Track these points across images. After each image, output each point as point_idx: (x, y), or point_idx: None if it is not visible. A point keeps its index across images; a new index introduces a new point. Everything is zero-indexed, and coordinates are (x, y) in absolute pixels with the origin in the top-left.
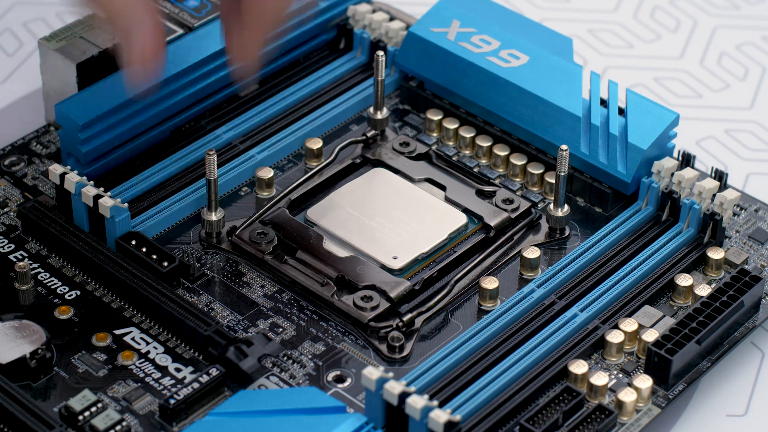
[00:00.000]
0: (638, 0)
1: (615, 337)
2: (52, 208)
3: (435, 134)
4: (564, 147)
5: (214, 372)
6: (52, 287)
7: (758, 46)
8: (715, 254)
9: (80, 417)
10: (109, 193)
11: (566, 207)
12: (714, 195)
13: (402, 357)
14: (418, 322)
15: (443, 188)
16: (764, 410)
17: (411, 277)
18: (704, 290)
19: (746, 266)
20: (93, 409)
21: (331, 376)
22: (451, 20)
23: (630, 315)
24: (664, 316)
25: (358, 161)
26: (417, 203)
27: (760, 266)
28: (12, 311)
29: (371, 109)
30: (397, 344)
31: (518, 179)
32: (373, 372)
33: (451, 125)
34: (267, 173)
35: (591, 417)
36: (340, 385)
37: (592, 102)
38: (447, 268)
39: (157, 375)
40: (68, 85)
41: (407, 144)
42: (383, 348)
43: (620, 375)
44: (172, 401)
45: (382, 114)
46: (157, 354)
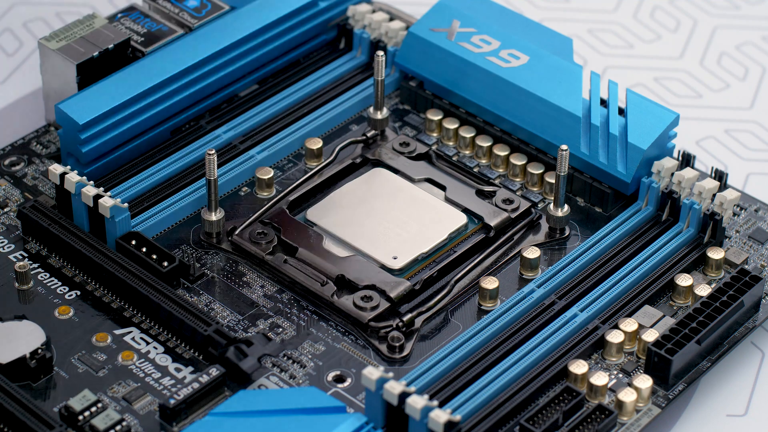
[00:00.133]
0: (638, 0)
1: (615, 337)
2: (52, 208)
3: (435, 134)
4: (564, 147)
5: (214, 372)
6: (52, 287)
7: (758, 46)
8: (715, 254)
9: (80, 417)
10: (109, 193)
11: (566, 207)
12: (714, 195)
13: (402, 357)
14: (418, 322)
15: (443, 188)
16: (764, 410)
17: (411, 277)
18: (704, 290)
19: (746, 266)
20: (93, 409)
21: (331, 376)
22: (451, 20)
23: (630, 315)
24: (664, 316)
25: (358, 161)
26: (417, 203)
27: (760, 266)
28: (12, 311)
29: (371, 109)
30: (397, 344)
31: (518, 179)
32: (373, 372)
33: (451, 125)
34: (267, 173)
35: (591, 417)
36: (340, 385)
37: (592, 102)
38: (447, 268)
39: (157, 375)
40: (68, 85)
41: (407, 144)
42: (383, 348)
43: (620, 375)
44: (172, 401)
45: (382, 114)
46: (157, 354)
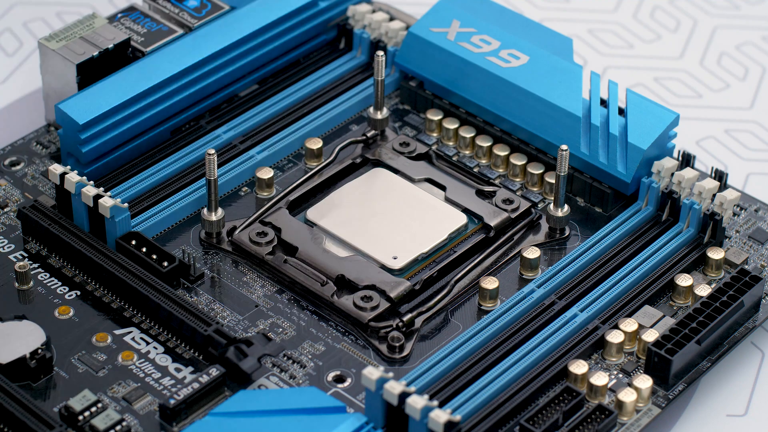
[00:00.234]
0: (638, 0)
1: (615, 337)
2: (52, 208)
3: (435, 134)
4: (564, 147)
5: (214, 372)
6: (52, 287)
7: (758, 46)
8: (715, 254)
9: (80, 417)
10: (109, 193)
11: (566, 207)
12: (714, 195)
13: (402, 357)
14: (418, 322)
15: (443, 188)
16: (764, 410)
17: (411, 277)
18: (704, 290)
19: (746, 266)
20: (93, 409)
21: (331, 376)
22: (451, 20)
23: (630, 315)
24: (664, 316)
25: (358, 161)
26: (417, 203)
27: (760, 266)
28: (12, 311)
29: (371, 109)
30: (397, 344)
31: (518, 179)
32: (373, 372)
33: (451, 125)
34: (267, 173)
35: (591, 417)
36: (340, 385)
37: (592, 102)
38: (447, 268)
39: (157, 375)
40: (68, 85)
41: (407, 144)
42: (383, 348)
43: (620, 375)
44: (172, 401)
45: (382, 114)
46: (157, 354)
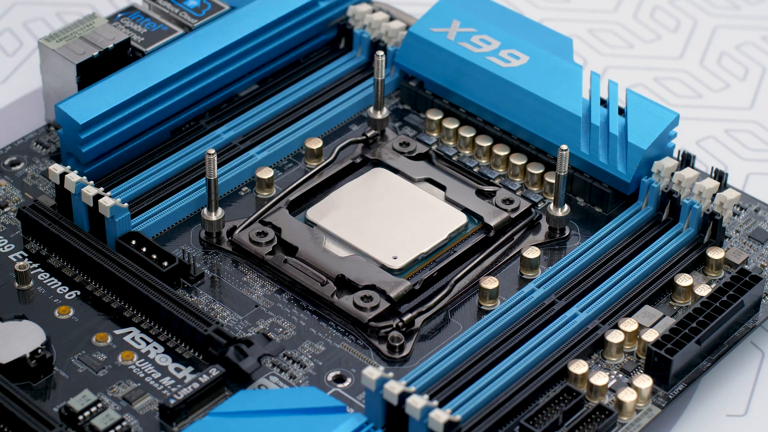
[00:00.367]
0: (638, 0)
1: (615, 337)
2: (52, 208)
3: (435, 134)
4: (564, 147)
5: (214, 372)
6: (52, 287)
7: (758, 46)
8: (715, 254)
9: (80, 417)
10: (109, 193)
11: (566, 207)
12: (714, 195)
13: (402, 357)
14: (418, 322)
15: (443, 188)
16: (764, 410)
17: (411, 277)
18: (704, 290)
19: (746, 266)
20: (93, 409)
21: (331, 376)
22: (451, 20)
23: (630, 315)
24: (664, 316)
25: (358, 161)
26: (417, 203)
27: (760, 266)
28: (12, 311)
29: (371, 109)
30: (397, 344)
31: (518, 179)
32: (373, 372)
33: (451, 125)
34: (267, 173)
35: (591, 417)
36: (340, 385)
37: (592, 102)
38: (447, 268)
39: (157, 375)
40: (68, 85)
41: (407, 144)
42: (383, 348)
43: (620, 375)
44: (172, 401)
45: (382, 114)
46: (157, 354)
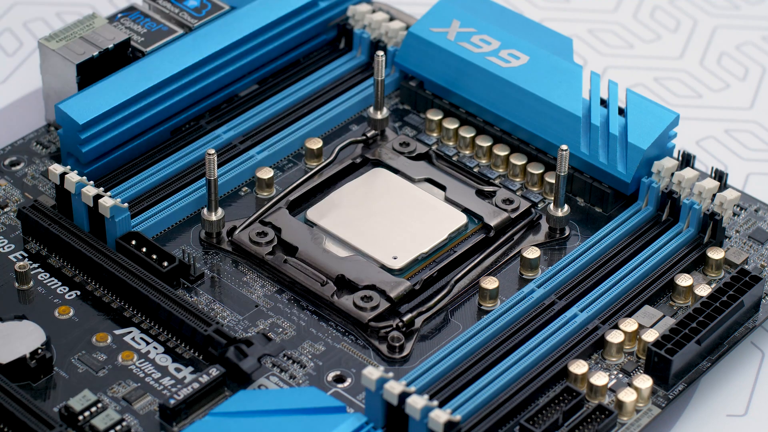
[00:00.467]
0: (638, 0)
1: (615, 337)
2: (52, 208)
3: (435, 134)
4: (564, 147)
5: (214, 372)
6: (52, 287)
7: (758, 46)
8: (715, 254)
9: (80, 417)
10: (109, 193)
11: (566, 207)
12: (714, 195)
13: (402, 357)
14: (418, 322)
15: (443, 188)
16: (764, 410)
17: (411, 277)
18: (704, 290)
19: (746, 266)
20: (93, 409)
21: (331, 376)
22: (451, 20)
23: (630, 315)
24: (664, 316)
25: (358, 161)
26: (417, 203)
27: (760, 266)
28: (12, 311)
29: (371, 109)
30: (397, 344)
31: (518, 179)
32: (373, 372)
33: (451, 125)
34: (267, 173)
35: (591, 417)
36: (340, 385)
37: (592, 102)
38: (447, 268)
39: (157, 375)
40: (68, 85)
41: (407, 144)
42: (383, 348)
43: (620, 375)
44: (172, 401)
45: (382, 114)
46: (157, 354)
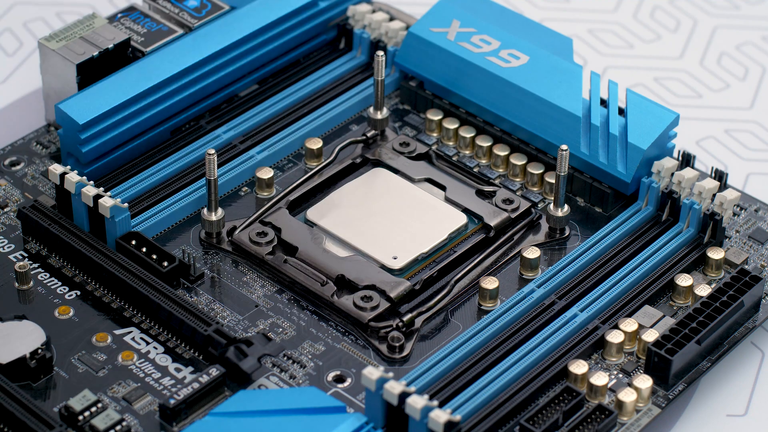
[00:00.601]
0: (638, 0)
1: (615, 337)
2: (52, 208)
3: (435, 134)
4: (564, 147)
5: (214, 372)
6: (52, 287)
7: (758, 46)
8: (715, 254)
9: (80, 417)
10: (109, 193)
11: (566, 207)
12: (714, 195)
13: (402, 357)
14: (418, 322)
15: (443, 188)
16: (764, 410)
17: (411, 277)
18: (704, 290)
19: (746, 266)
20: (93, 409)
21: (331, 376)
22: (451, 20)
23: (630, 315)
24: (664, 316)
25: (358, 161)
26: (417, 203)
27: (760, 266)
28: (12, 311)
29: (371, 109)
30: (397, 344)
31: (518, 179)
32: (373, 372)
33: (451, 125)
34: (267, 173)
35: (591, 417)
36: (340, 385)
37: (592, 102)
38: (447, 268)
39: (157, 375)
40: (68, 85)
41: (407, 144)
42: (383, 348)
43: (620, 375)
44: (172, 401)
45: (382, 114)
46: (157, 354)
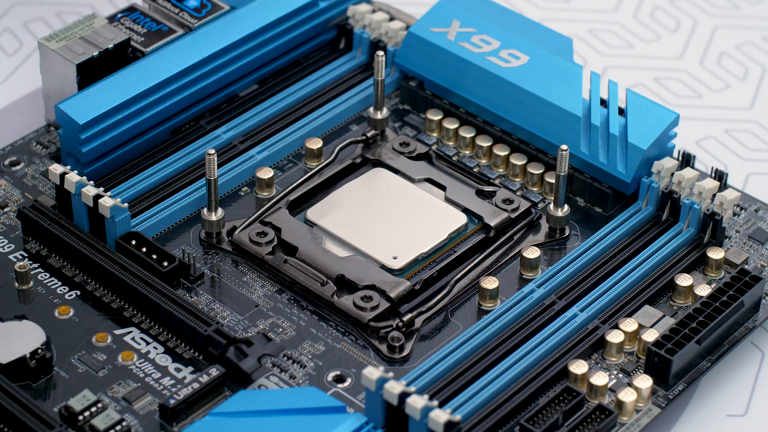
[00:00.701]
0: (638, 0)
1: (615, 337)
2: (52, 208)
3: (435, 134)
4: (564, 147)
5: (214, 372)
6: (52, 287)
7: (758, 46)
8: (715, 254)
9: (80, 417)
10: (109, 193)
11: (566, 207)
12: (714, 195)
13: (402, 357)
14: (418, 322)
15: (443, 188)
16: (764, 410)
17: (411, 277)
18: (704, 290)
19: (746, 266)
20: (93, 409)
21: (331, 376)
22: (451, 20)
23: (630, 315)
24: (664, 316)
25: (358, 161)
26: (417, 203)
27: (760, 266)
28: (12, 311)
29: (371, 109)
30: (397, 344)
31: (518, 179)
32: (373, 372)
33: (451, 125)
34: (267, 173)
35: (591, 417)
36: (340, 385)
37: (592, 102)
38: (447, 268)
39: (157, 375)
40: (68, 85)
41: (407, 144)
42: (383, 348)
43: (620, 375)
44: (172, 401)
45: (382, 114)
46: (157, 354)
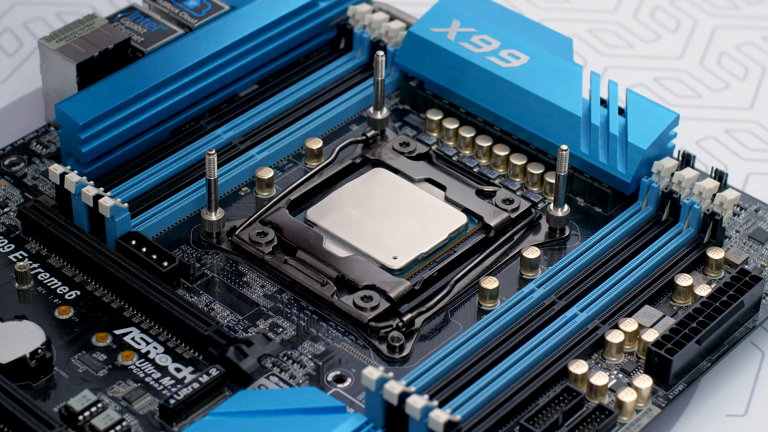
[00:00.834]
0: (638, 0)
1: (615, 337)
2: (52, 208)
3: (435, 134)
4: (564, 147)
5: (214, 372)
6: (52, 287)
7: (758, 46)
8: (715, 254)
9: (80, 417)
10: (109, 193)
11: (566, 207)
12: (714, 195)
13: (402, 357)
14: (418, 322)
15: (443, 188)
16: (764, 410)
17: (411, 277)
18: (704, 290)
19: (746, 266)
20: (93, 409)
21: (331, 376)
22: (451, 20)
23: (630, 315)
24: (664, 316)
25: (358, 161)
26: (417, 203)
27: (760, 266)
28: (12, 311)
29: (371, 109)
30: (397, 344)
31: (518, 179)
32: (373, 372)
33: (451, 125)
34: (267, 173)
35: (591, 417)
36: (340, 385)
37: (592, 102)
38: (447, 268)
39: (157, 375)
40: (68, 85)
41: (407, 144)
42: (383, 348)
43: (620, 375)
44: (172, 401)
45: (382, 114)
46: (157, 354)
